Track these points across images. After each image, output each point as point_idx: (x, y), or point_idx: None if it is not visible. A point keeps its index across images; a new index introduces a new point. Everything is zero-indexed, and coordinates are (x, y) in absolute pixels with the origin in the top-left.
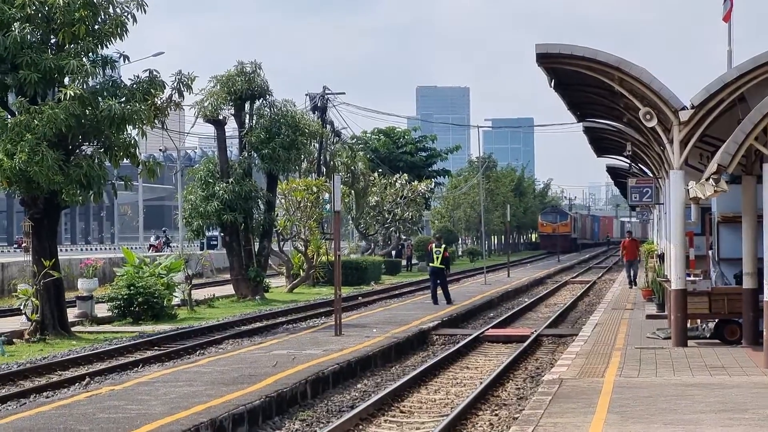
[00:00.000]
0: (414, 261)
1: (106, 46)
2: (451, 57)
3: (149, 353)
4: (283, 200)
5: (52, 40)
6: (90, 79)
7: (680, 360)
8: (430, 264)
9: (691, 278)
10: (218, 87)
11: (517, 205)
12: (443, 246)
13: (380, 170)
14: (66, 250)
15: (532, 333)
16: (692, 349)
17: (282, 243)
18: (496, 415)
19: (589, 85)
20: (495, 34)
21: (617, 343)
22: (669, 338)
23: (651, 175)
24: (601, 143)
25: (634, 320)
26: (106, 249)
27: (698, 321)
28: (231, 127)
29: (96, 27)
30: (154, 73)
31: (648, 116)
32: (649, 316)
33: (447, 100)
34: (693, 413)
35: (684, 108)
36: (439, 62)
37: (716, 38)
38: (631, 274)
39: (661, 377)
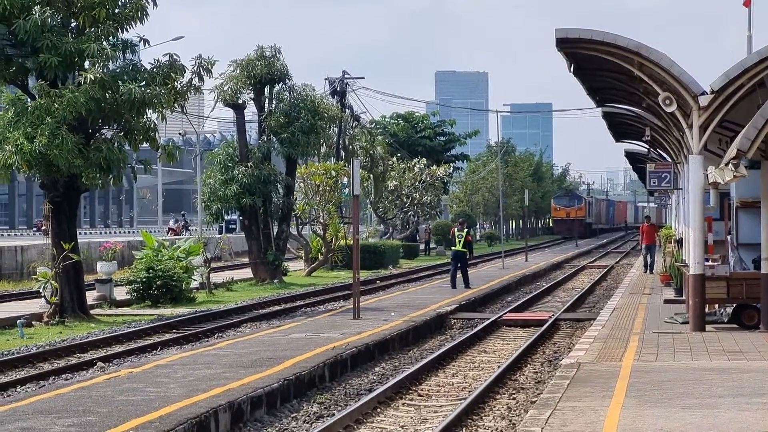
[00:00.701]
0: (432, 245)
1: (126, 29)
2: (470, 42)
3: (168, 336)
4: (302, 184)
5: (73, 24)
6: (110, 62)
7: (698, 345)
8: (452, 247)
9: (710, 263)
10: (238, 71)
11: (535, 190)
12: (466, 230)
13: (399, 155)
14: (85, 234)
15: (550, 317)
16: (710, 333)
17: (300, 227)
18: (514, 398)
19: (608, 70)
20: (513, 19)
21: (635, 328)
22: (687, 323)
23: (670, 160)
24: (619, 128)
25: (651, 305)
26: (125, 232)
27: (716, 306)
28: (250, 112)
29: (116, 11)
30: (174, 57)
31: (667, 101)
32: (666, 301)
33: (466, 85)
34: (711, 397)
35: (704, 93)
36: (458, 47)
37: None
38: (648, 259)
39: (679, 362)
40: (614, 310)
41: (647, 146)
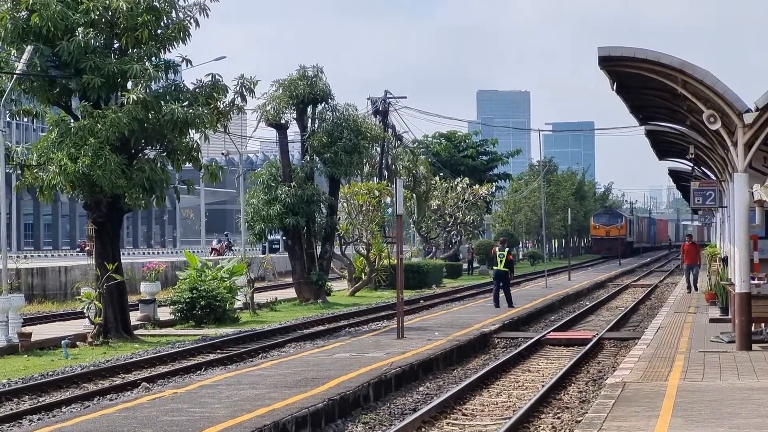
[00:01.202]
0: (475, 264)
1: (169, 50)
2: (512, 61)
3: (212, 356)
4: (345, 204)
5: (116, 45)
6: (153, 83)
7: (744, 364)
8: (494, 267)
9: (755, 281)
10: (280, 91)
11: (578, 208)
12: (507, 249)
13: (441, 174)
14: (128, 254)
15: (594, 336)
16: (756, 352)
17: (344, 246)
18: (559, 418)
19: (651, 88)
20: (556, 38)
21: (680, 347)
22: (733, 342)
23: (714, 178)
24: (663, 146)
25: (697, 324)
26: (168, 253)
27: (762, 324)
28: (293, 131)
29: (159, 31)
30: (217, 77)
31: (712, 119)
32: (712, 320)
33: (508, 103)
34: (758, 417)
35: (748, 110)
36: (500, 66)
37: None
38: (691, 279)
39: (726, 381)
40: (659, 329)
41: (691, 164)
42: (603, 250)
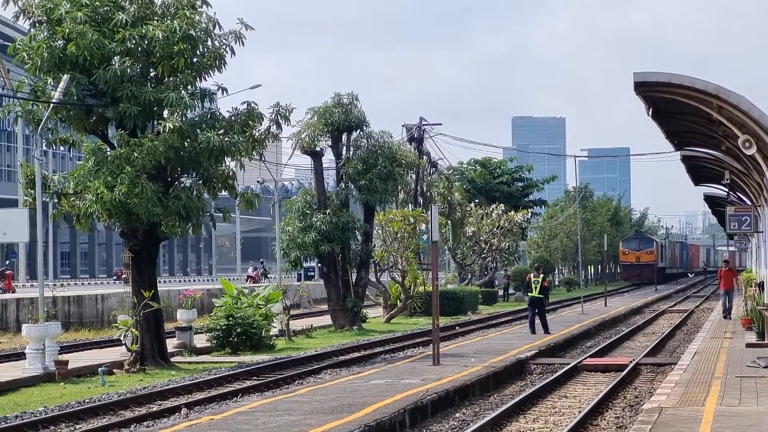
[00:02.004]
0: (511, 291)
1: (205, 78)
2: (547, 87)
3: (248, 383)
4: (380, 231)
5: (152, 74)
6: (188, 111)
7: None
8: (529, 293)
9: None
10: (315, 118)
11: (614, 234)
12: (542, 276)
13: (477, 200)
14: (164, 282)
15: (630, 362)
16: None
17: (379, 273)
18: None
19: (686, 113)
20: (588, 62)
21: (717, 372)
22: None
23: (750, 203)
24: (698, 172)
25: (733, 349)
26: (204, 280)
27: None
28: (328, 159)
29: (194, 60)
30: (252, 105)
31: (747, 144)
32: (748, 345)
33: (543, 130)
34: None
35: None
36: (535, 92)
37: None
38: (726, 304)
39: (763, 406)
40: (695, 354)
41: (726, 189)
42: (633, 276)
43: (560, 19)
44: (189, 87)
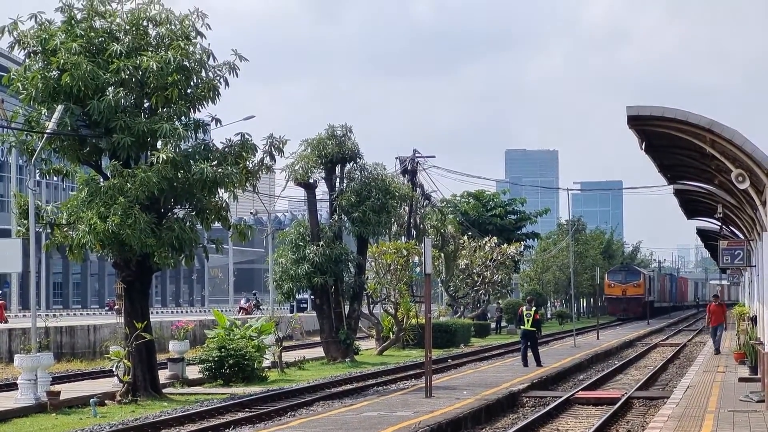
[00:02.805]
0: (503, 323)
1: (199, 109)
2: (539, 121)
3: (240, 415)
4: (373, 263)
5: (146, 104)
6: (182, 142)
7: None
8: (521, 327)
9: None
10: (309, 150)
11: (606, 267)
12: (534, 309)
13: (470, 233)
14: (157, 313)
15: (623, 395)
16: None
17: (372, 305)
18: None
19: (679, 147)
20: (582, 97)
21: (710, 406)
22: (762, 401)
23: (742, 237)
24: (691, 205)
25: (726, 383)
26: (196, 311)
27: None
28: (321, 190)
29: (188, 91)
30: (246, 136)
31: (740, 178)
32: (741, 379)
33: (536, 163)
34: None
35: None
36: (528, 126)
37: None
38: (716, 341)
39: None
40: (688, 387)
41: (719, 223)
42: (619, 311)
43: (554, 56)
44: (183, 118)
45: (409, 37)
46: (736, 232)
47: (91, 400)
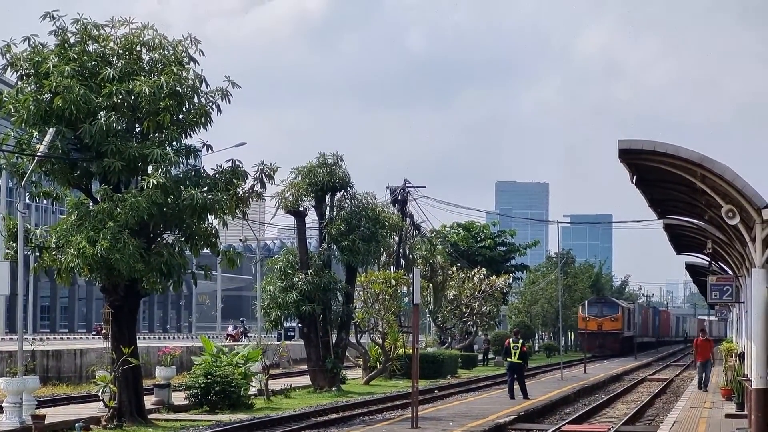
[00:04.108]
0: (491, 355)
1: (190, 135)
2: (530, 152)
3: None
4: (361, 292)
5: (137, 129)
6: (173, 167)
7: None
8: (508, 359)
9: None
10: (300, 178)
11: None
12: (521, 341)
13: (459, 264)
14: (144, 338)
15: (609, 429)
16: None
17: (359, 335)
18: None
19: (670, 182)
20: (573, 130)
21: None
22: None
23: (731, 273)
24: (681, 240)
25: (712, 419)
26: (184, 337)
27: None
28: (311, 219)
29: (180, 116)
30: (237, 163)
31: (730, 214)
32: (728, 415)
33: (526, 195)
34: None
35: (767, 206)
36: (518, 157)
37: None
38: (704, 378)
39: None
40: (674, 423)
41: (708, 259)
42: (594, 347)
43: (546, 88)
44: (174, 143)
45: (403, 68)
46: (726, 267)
47: (77, 424)
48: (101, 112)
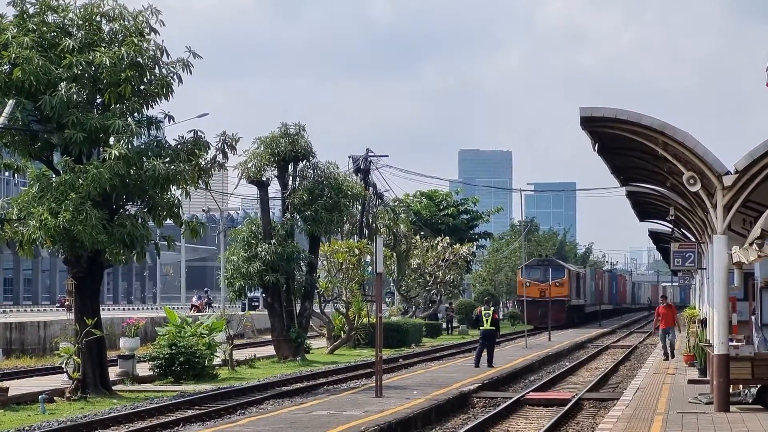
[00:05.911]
0: (455, 324)
1: (152, 106)
2: (494, 121)
3: (190, 412)
4: (325, 262)
5: (98, 100)
6: (135, 139)
7: (722, 425)
8: (481, 327)
9: (734, 343)
10: (262, 148)
11: None
12: (492, 308)
13: (422, 233)
14: (108, 309)
15: (573, 396)
16: (734, 414)
17: (323, 304)
18: None
19: (632, 149)
20: (537, 99)
21: (659, 408)
22: (711, 403)
23: (694, 239)
24: (643, 207)
25: (675, 385)
26: (148, 308)
27: (741, 386)
28: (274, 189)
29: (142, 87)
30: (199, 133)
31: (692, 181)
32: (690, 381)
33: (489, 163)
34: None
35: (728, 173)
36: (482, 126)
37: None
38: (667, 345)
39: None
40: (638, 389)
41: (671, 226)
42: (536, 317)
43: (510, 56)
44: (136, 114)
45: (366, 37)
46: (688, 234)
47: (40, 396)
48: (62, 84)
